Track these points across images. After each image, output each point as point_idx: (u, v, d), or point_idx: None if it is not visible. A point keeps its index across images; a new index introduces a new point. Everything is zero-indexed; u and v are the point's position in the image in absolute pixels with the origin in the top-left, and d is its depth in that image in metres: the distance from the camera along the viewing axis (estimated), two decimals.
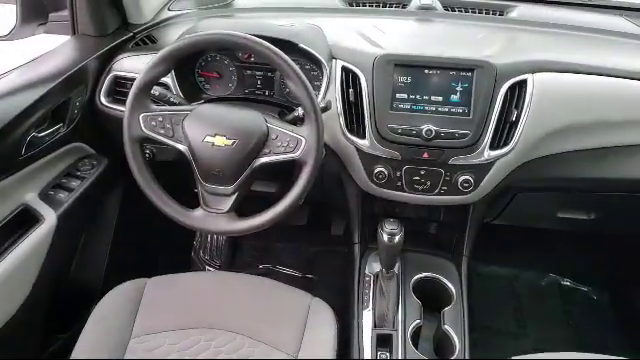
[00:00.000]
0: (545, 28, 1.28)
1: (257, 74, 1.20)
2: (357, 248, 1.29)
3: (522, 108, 1.06)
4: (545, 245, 1.74)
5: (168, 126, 0.96)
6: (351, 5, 1.41)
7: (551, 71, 1.09)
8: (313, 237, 1.90)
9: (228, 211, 0.97)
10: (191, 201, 1.01)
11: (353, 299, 1.20)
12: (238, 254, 1.90)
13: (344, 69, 1.10)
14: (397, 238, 1.05)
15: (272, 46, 0.91)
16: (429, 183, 1.11)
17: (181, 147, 0.96)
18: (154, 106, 0.97)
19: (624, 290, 1.70)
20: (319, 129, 0.92)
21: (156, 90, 1.01)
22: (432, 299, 1.20)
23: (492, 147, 1.06)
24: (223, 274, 1.40)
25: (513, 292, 1.80)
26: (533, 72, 1.07)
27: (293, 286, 1.13)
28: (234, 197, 0.97)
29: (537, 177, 1.17)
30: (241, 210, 0.99)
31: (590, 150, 1.12)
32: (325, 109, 0.98)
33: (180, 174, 1.13)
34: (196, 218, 0.98)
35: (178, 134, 0.96)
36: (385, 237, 1.05)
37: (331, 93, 1.10)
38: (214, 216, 0.97)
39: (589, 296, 1.79)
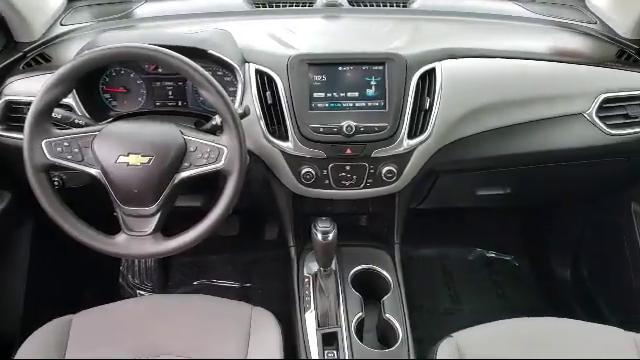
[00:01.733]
0: (447, 17, 1.35)
1: (167, 85, 1.15)
2: (293, 251, 1.28)
3: (434, 96, 1.10)
4: (468, 222, 1.83)
5: (76, 150, 0.89)
6: (257, 6, 1.39)
7: (457, 58, 1.14)
8: (247, 245, 1.87)
9: (153, 232, 0.92)
10: (111, 226, 0.95)
11: (294, 302, 1.19)
12: (170, 273, 1.83)
13: (258, 72, 1.09)
14: (331, 236, 1.05)
15: (180, 55, 0.87)
16: (355, 178, 1.13)
17: (93, 171, 0.89)
18: (57, 130, 0.89)
19: (540, 255, 1.84)
20: (240, 136, 0.90)
21: (58, 113, 0.93)
22: (371, 290, 1.22)
23: (410, 136, 1.10)
24: (156, 297, 1.33)
25: (444, 270, 1.88)
26: (441, 60, 1.12)
27: (232, 298, 1.10)
28: (158, 217, 0.92)
29: (455, 160, 1.22)
30: (167, 229, 0.94)
31: (500, 129, 1.19)
32: (244, 115, 0.96)
33: (95, 199, 1.06)
34: (118, 244, 0.92)
35: (88, 158, 0.89)
36: (319, 236, 1.05)
37: (248, 98, 1.08)
38: (138, 239, 0.92)
39: (512, 264, 1.91)
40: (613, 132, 1.21)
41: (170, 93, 1.15)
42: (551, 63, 1.21)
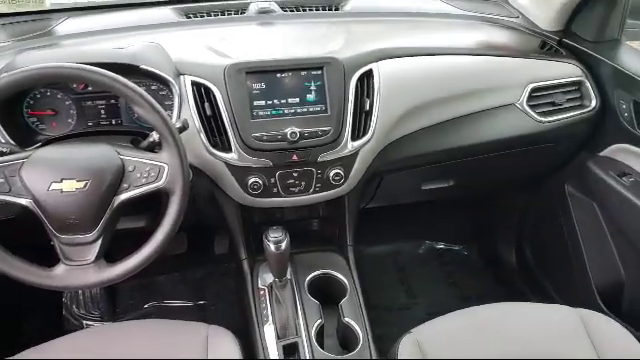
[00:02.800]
0: (378, 17, 1.37)
1: (99, 104, 1.09)
2: (245, 264, 1.25)
3: (373, 97, 1.11)
4: (417, 216, 1.87)
5: (2, 180, 0.82)
6: (188, 17, 1.35)
7: (392, 58, 1.16)
8: (197, 261, 1.81)
9: (95, 260, 0.86)
10: (49, 257, 0.88)
11: (251, 316, 1.16)
12: (118, 299, 1.74)
13: (195, 84, 1.06)
14: (284, 245, 1.04)
15: (109, 73, 0.83)
16: (304, 184, 1.12)
17: (23, 201, 0.83)
18: None
19: (487, 242, 1.91)
20: (180, 152, 0.87)
21: None
22: (329, 295, 1.21)
23: (353, 138, 1.10)
24: (105, 327, 1.26)
25: (397, 266, 1.91)
26: (377, 61, 1.13)
27: (186, 318, 1.06)
28: (99, 243, 0.87)
29: (399, 157, 1.24)
30: (111, 254, 0.89)
31: (439, 124, 1.22)
32: (182, 129, 0.93)
33: (29, 230, 0.98)
34: (57, 276, 0.86)
35: (16, 187, 0.83)
36: (272, 246, 1.04)
37: (186, 111, 1.05)
38: (79, 269, 0.86)
39: (461, 253, 1.97)
40: (543, 119, 1.28)
41: (102, 112, 1.10)
42: (481, 57, 1.26)
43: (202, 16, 1.36)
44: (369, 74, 1.12)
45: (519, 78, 1.27)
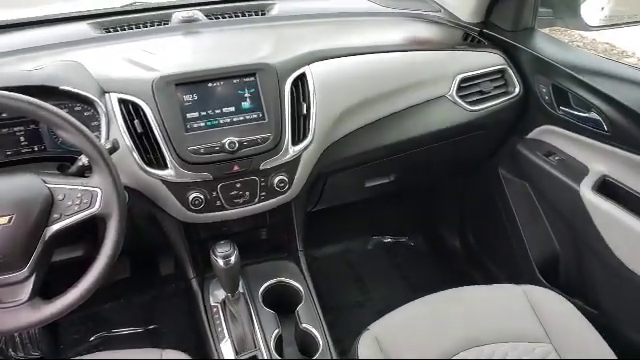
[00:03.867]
0: (306, 20, 1.37)
1: (17, 131, 1.01)
2: (195, 282, 1.21)
3: (309, 100, 1.11)
4: (362, 213, 1.89)
5: None
6: (107, 31, 1.29)
7: (324, 59, 1.16)
8: (143, 285, 1.74)
9: (29, 299, 0.80)
10: None
11: (206, 335, 1.13)
12: (60, 335, 1.63)
13: (122, 101, 1.01)
14: (233, 258, 1.01)
15: (25, 97, 0.77)
16: (248, 194, 1.10)
17: None
18: None
19: (432, 231, 1.96)
20: (113, 174, 0.82)
21: None
22: (284, 303, 1.20)
23: (294, 143, 1.09)
24: None
25: (348, 265, 1.92)
26: (309, 64, 1.13)
27: (138, 346, 1.01)
28: (32, 280, 0.80)
29: (341, 157, 1.25)
30: (48, 289, 0.83)
31: (375, 122, 1.24)
32: (113, 149, 0.88)
33: None
34: None
35: None
36: (221, 261, 1.01)
37: (115, 130, 0.99)
38: (12, 311, 0.79)
39: (408, 244, 2.02)
40: (473, 108, 1.33)
41: (22, 139, 1.02)
42: (409, 53, 1.29)
43: (122, 29, 1.29)
44: (302, 77, 1.12)
45: (447, 70, 1.31)
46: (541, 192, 1.40)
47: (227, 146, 1.02)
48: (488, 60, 1.36)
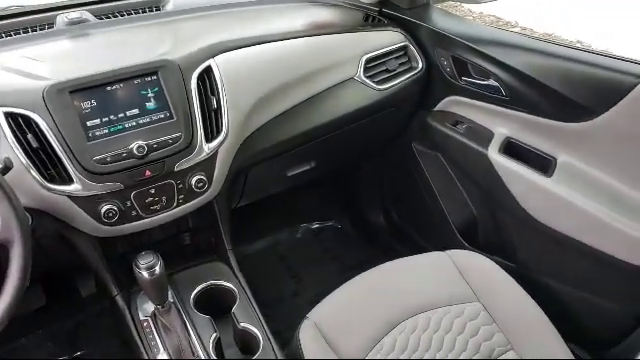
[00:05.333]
0: (205, 12, 1.31)
1: None
2: (119, 299, 1.13)
3: (219, 93, 1.07)
4: (288, 203, 1.88)
5: None
6: None
7: (228, 51, 1.13)
8: (63, 311, 1.61)
9: None
10: None
11: (140, 352, 1.07)
12: None
13: (9, 115, 0.91)
14: (158, 268, 0.96)
15: None
16: (165, 199, 1.04)
17: None
18: None
19: (356, 211, 2.00)
20: (9, 196, 0.74)
21: None
22: (219, 305, 1.16)
23: (208, 139, 1.06)
24: None
25: (280, 256, 1.91)
26: (213, 56, 1.09)
27: None
28: None
29: (260, 149, 1.22)
30: None
31: (290, 110, 1.22)
32: (5, 169, 0.80)
33: None
34: None
35: None
36: (145, 273, 0.95)
37: (5, 148, 0.90)
38: None
39: (335, 227, 2.04)
40: (381, 87, 1.36)
41: None
42: (313, 38, 1.29)
43: (2, 36, 1.17)
44: (208, 71, 1.08)
45: (352, 52, 1.32)
46: (453, 160, 1.47)
47: (135, 151, 0.96)
48: (390, 39, 1.39)
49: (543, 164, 1.21)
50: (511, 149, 1.29)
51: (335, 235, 2.01)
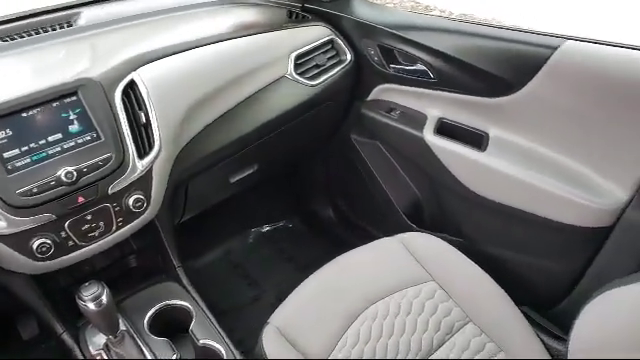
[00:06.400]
0: (120, 24, 1.25)
1: None
2: (66, 337, 1.06)
3: (146, 107, 1.03)
4: (235, 210, 1.85)
5: None
6: None
7: (151, 62, 1.09)
8: (4, 357, 1.49)
9: None
10: None
11: None
12: None
13: None
14: (105, 298, 0.91)
15: None
16: (102, 224, 0.98)
17: None
18: None
19: (306, 208, 2.00)
20: None
21: None
22: (176, 325, 1.12)
23: (141, 156, 1.01)
24: None
25: (233, 264, 1.87)
26: (136, 69, 1.05)
27: None
28: None
29: (198, 158, 1.19)
30: None
31: (224, 115, 1.19)
32: None
33: None
34: None
35: None
36: (91, 305, 0.90)
37: None
38: None
39: (286, 227, 2.03)
40: (313, 83, 1.36)
41: None
42: (239, 39, 1.27)
43: None
44: (132, 85, 1.03)
45: (280, 50, 1.31)
46: (392, 146, 1.49)
47: (64, 177, 0.90)
48: (316, 33, 1.39)
49: (476, 140, 1.26)
50: (445, 129, 1.33)
51: (287, 235, 2.00)
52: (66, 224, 0.94)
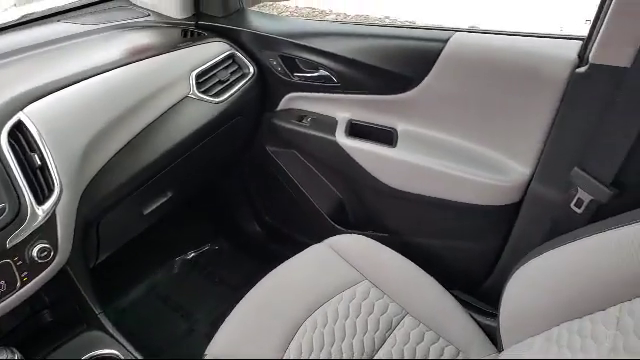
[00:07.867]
0: (2, 60, 1.15)
1: None
2: None
3: (40, 147, 0.94)
4: (154, 242, 1.76)
5: None
6: None
7: (40, 98, 1.00)
8: None
9: None
10: None
11: None
12: None
13: None
14: None
15: None
16: (4, 283, 0.88)
17: None
18: None
19: (231, 227, 1.95)
20: None
21: None
22: None
23: (40, 202, 0.92)
24: None
25: (161, 298, 1.78)
26: (22, 108, 0.96)
27: None
28: None
29: (106, 193, 1.11)
30: None
31: (131, 142, 1.12)
32: None
33: None
34: None
35: None
36: None
37: None
38: None
39: (213, 250, 1.96)
40: (218, 99, 1.32)
41: None
42: (133, 65, 1.20)
43: None
44: (20, 126, 0.94)
45: (179, 70, 1.27)
46: (308, 153, 1.50)
47: None
48: (214, 50, 1.36)
49: (387, 137, 1.30)
50: (356, 130, 1.35)
51: (215, 258, 1.94)
52: None
